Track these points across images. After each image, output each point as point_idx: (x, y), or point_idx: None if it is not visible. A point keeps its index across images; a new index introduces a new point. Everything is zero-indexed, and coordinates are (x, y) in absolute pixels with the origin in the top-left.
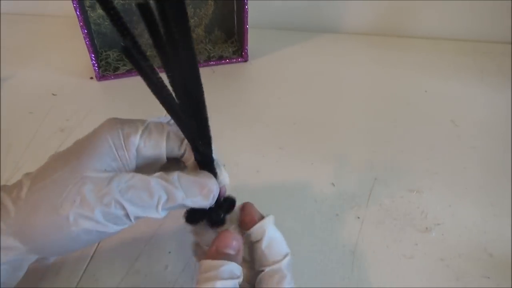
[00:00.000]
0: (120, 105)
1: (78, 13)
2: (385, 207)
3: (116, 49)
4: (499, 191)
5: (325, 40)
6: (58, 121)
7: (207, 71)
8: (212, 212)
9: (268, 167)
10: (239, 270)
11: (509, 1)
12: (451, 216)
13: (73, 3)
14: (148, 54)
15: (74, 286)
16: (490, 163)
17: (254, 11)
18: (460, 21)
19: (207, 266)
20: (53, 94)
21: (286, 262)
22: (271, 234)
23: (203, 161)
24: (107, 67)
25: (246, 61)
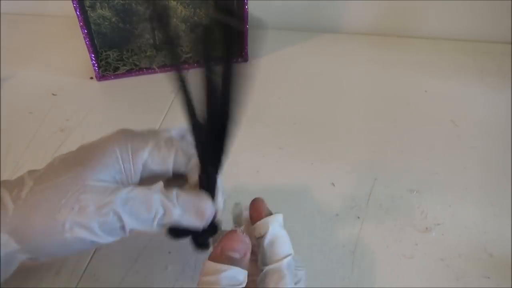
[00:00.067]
0: (120, 105)
1: (78, 13)
2: (385, 207)
3: (116, 49)
4: (499, 191)
5: (325, 40)
6: (58, 121)
7: None
8: (198, 235)
9: (268, 167)
10: (242, 275)
11: (509, 1)
12: (451, 216)
13: (73, 3)
14: (148, 54)
15: (74, 286)
16: (490, 163)
17: (254, 11)
18: (460, 21)
19: (209, 269)
20: (53, 94)
21: (287, 262)
22: (275, 231)
23: (207, 182)
24: (107, 67)
25: (246, 61)
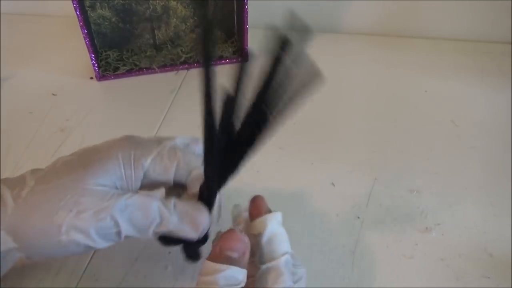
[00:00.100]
0: (120, 105)
1: (78, 13)
2: (385, 207)
3: (116, 49)
4: (499, 191)
5: (325, 40)
6: (58, 121)
7: None
8: (189, 244)
9: (268, 167)
10: (241, 274)
11: (509, 1)
12: (451, 216)
13: (73, 3)
14: (148, 54)
15: (74, 286)
16: (490, 163)
17: (254, 11)
18: (460, 21)
19: (207, 269)
20: (53, 94)
21: (285, 260)
22: (273, 230)
23: (207, 195)
24: (107, 67)
25: (246, 61)
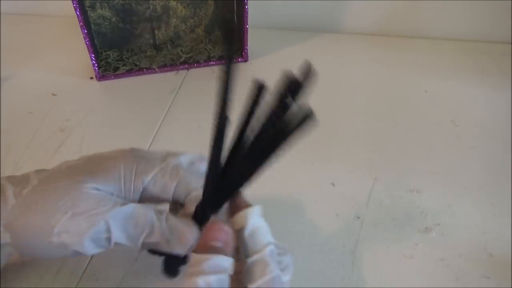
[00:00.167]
0: (120, 105)
1: (78, 13)
2: (385, 207)
3: (116, 49)
4: (499, 191)
5: (325, 40)
6: (58, 121)
7: (207, 71)
8: (171, 258)
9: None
10: (228, 262)
11: (509, 1)
12: (451, 216)
13: (73, 3)
14: (148, 54)
15: (74, 286)
16: (490, 163)
17: (254, 11)
18: (460, 21)
19: (194, 261)
20: (53, 94)
21: (269, 250)
22: (255, 223)
23: (201, 216)
24: (107, 67)
25: (246, 61)
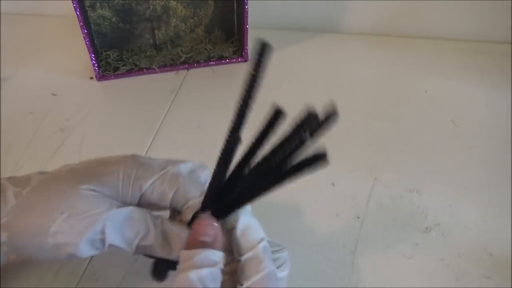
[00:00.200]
0: (120, 105)
1: (78, 13)
2: (385, 207)
3: (116, 49)
4: (499, 191)
5: (325, 40)
6: (58, 121)
7: (207, 71)
8: (162, 264)
9: None
10: (218, 256)
11: (509, 1)
12: (451, 216)
13: (73, 3)
14: (148, 54)
15: (74, 286)
16: (490, 163)
17: (254, 11)
18: (460, 21)
19: (184, 257)
20: (53, 94)
21: (262, 246)
22: (245, 221)
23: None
24: (107, 67)
25: (246, 61)
